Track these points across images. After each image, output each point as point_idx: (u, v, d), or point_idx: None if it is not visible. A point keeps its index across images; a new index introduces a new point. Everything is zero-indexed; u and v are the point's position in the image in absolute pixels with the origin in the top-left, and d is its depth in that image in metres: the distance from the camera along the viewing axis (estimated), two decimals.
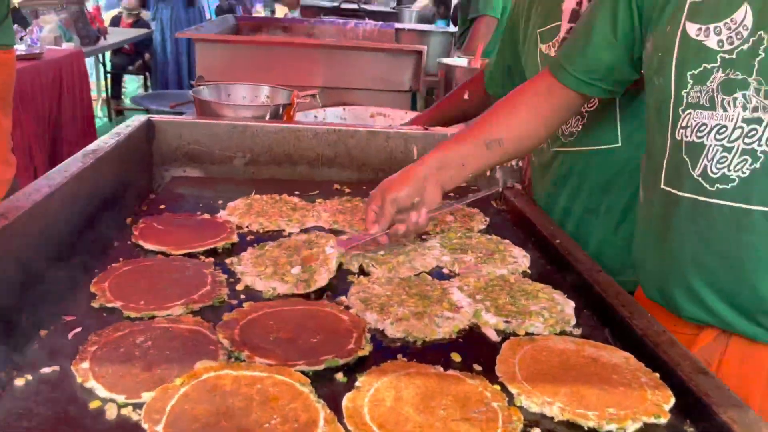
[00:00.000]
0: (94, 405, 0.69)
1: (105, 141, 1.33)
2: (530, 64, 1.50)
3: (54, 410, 0.69)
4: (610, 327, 0.97)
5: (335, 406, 0.71)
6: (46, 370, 0.75)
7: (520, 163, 1.62)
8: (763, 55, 0.89)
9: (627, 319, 0.94)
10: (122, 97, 7.12)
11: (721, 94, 0.93)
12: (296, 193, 1.45)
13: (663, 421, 0.73)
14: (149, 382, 0.72)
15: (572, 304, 0.98)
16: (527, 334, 0.90)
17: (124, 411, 0.69)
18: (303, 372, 0.76)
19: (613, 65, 1.11)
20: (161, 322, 0.86)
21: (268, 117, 1.68)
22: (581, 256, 1.16)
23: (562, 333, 0.91)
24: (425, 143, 1.62)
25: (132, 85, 7.77)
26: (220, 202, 1.36)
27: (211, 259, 1.08)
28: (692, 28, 0.96)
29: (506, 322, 0.91)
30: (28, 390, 0.72)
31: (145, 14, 6.70)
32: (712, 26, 0.94)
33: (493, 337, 0.89)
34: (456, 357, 0.83)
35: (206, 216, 1.26)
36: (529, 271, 1.11)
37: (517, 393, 0.75)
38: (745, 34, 0.90)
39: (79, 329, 0.85)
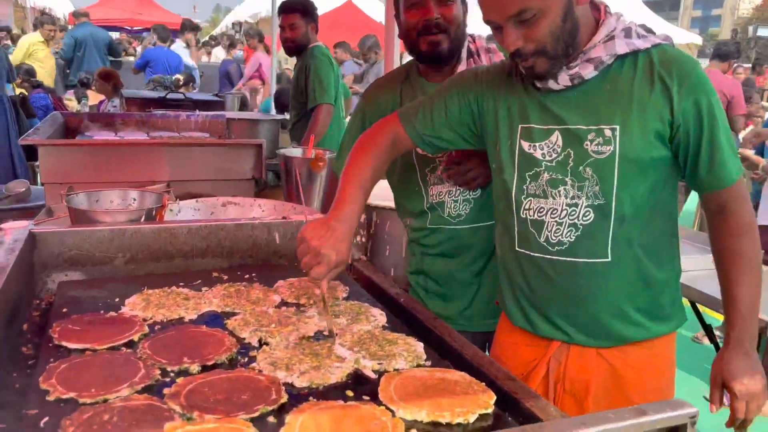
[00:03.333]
0: None
1: (6, 258, 1.47)
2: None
3: None
4: (449, 357, 1.35)
5: None
6: None
7: (364, 239, 2.01)
8: (572, 164, 1.38)
9: (459, 350, 1.34)
10: None
11: (550, 188, 1.41)
12: (181, 284, 1.68)
13: (490, 411, 1.12)
14: None
15: (421, 344, 1.35)
16: (395, 370, 1.25)
17: None
18: (244, 420, 1.03)
19: (449, 141, 1.57)
20: (116, 402, 1.07)
21: (143, 219, 1.90)
22: (421, 309, 1.55)
23: (418, 365, 1.28)
24: (285, 230, 1.94)
25: None
26: (116, 299, 1.55)
27: (130, 350, 1.30)
28: (525, 145, 1.44)
29: (379, 363, 1.25)
30: None
31: None
32: (537, 144, 1.42)
33: (372, 375, 1.23)
34: (350, 393, 1.16)
35: (112, 313, 1.46)
36: (387, 325, 1.47)
37: (396, 409, 1.09)
38: (558, 150, 1.40)
39: (47, 419, 1.03)
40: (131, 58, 9.52)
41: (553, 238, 1.41)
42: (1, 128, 6.11)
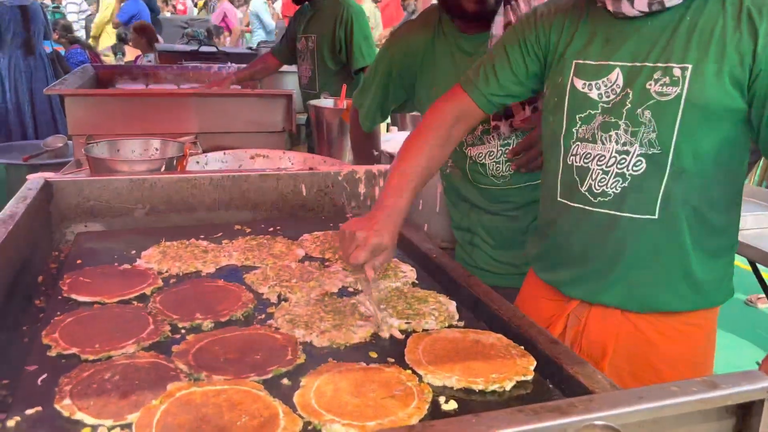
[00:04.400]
0: None
1: (16, 206, 1.40)
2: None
3: None
4: (484, 318, 1.23)
5: (288, 403, 0.89)
6: (29, 411, 0.86)
7: None
8: (630, 105, 1.22)
9: (495, 310, 1.21)
10: None
11: (600, 132, 1.26)
12: (201, 237, 1.59)
13: (529, 377, 1.00)
14: (130, 406, 0.86)
15: (454, 303, 1.24)
16: (424, 330, 1.13)
17: None
18: (255, 382, 0.93)
19: (519, 95, 1.42)
20: (120, 359, 0.99)
21: (163, 169, 1.81)
22: (455, 266, 1.43)
23: (450, 326, 1.16)
24: (312, 182, 1.83)
25: None
26: (133, 252, 1.48)
27: (141, 305, 1.22)
28: (578, 83, 1.28)
29: (407, 323, 1.14)
30: (21, 428, 0.83)
31: None
32: (593, 83, 1.26)
33: (398, 335, 1.12)
34: (373, 354, 1.05)
35: (126, 266, 1.38)
36: (417, 282, 1.36)
37: (424, 373, 0.98)
38: (618, 90, 1.23)
39: (45, 375, 0.96)
40: (168, 14, 9.40)
41: (597, 187, 1.27)
42: (41, 84, 6.14)
